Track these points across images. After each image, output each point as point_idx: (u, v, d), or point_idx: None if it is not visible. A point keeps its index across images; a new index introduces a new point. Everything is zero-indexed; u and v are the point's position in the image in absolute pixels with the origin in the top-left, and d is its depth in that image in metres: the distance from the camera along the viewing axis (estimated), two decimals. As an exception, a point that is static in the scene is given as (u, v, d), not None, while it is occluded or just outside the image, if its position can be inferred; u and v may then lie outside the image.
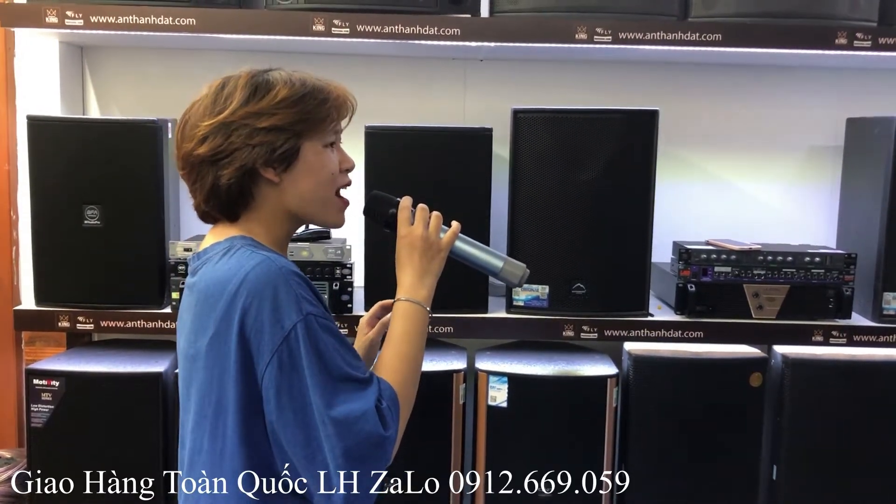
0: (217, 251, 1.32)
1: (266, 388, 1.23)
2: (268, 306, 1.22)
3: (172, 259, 2.11)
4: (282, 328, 1.22)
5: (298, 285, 1.25)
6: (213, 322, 1.25)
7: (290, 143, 1.31)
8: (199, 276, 1.32)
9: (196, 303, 1.30)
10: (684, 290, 2.17)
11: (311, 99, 1.32)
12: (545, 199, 2.12)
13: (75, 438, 2.09)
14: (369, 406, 1.26)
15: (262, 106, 1.29)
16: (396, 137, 2.12)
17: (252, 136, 1.28)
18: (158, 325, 2.13)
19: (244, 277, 1.24)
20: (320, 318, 1.26)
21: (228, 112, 1.28)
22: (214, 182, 1.30)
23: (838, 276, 2.17)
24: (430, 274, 1.44)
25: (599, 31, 2.07)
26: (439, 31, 2.06)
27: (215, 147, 1.28)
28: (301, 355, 1.22)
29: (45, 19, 2.05)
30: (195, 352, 1.29)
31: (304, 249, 2.11)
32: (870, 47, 2.10)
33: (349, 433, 1.23)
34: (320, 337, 1.24)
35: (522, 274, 1.51)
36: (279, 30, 2.07)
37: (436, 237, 1.45)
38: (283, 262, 1.27)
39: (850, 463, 2.19)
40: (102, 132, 2.10)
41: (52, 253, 2.12)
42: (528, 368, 2.16)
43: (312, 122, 1.33)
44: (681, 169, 2.52)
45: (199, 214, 1.38)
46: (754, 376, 2.18)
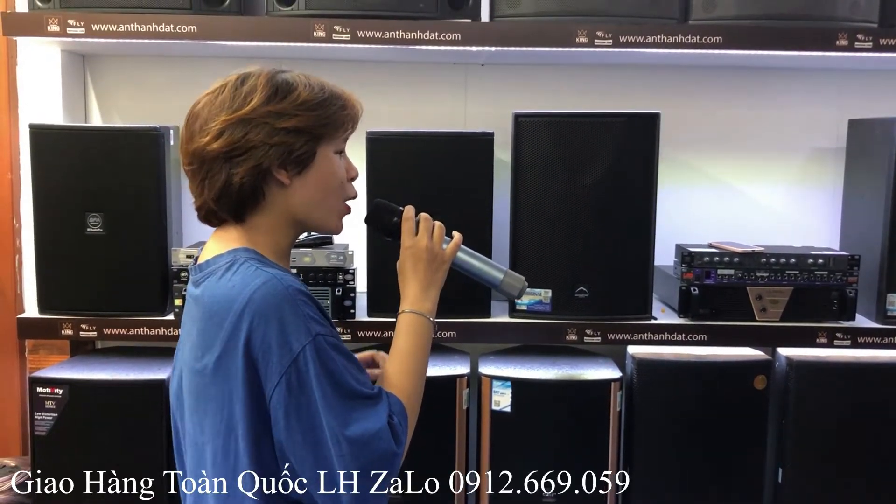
0: (220, 264, 1.30)
1: (274, 409, 1.22)
2: (275, 328, 1.21)
3: (175, 266, 2.11)
4: (290, 350, 1.21)
5: (305, 304, 1.25)
6: (219, 341, 1.24)
7: (308, 146, 1.31)
8: (202, 289, 1.30)
9: (201, 318, 1.29)
10: (687, 292, 2.17)
11: (330, 105, 1.32)
12: (547, 203, 2.12)
13: (79, 446, 2.09)
14: (382, 424, 1.26)
15: (284, 106, 1.28)
16: (398, 142, 2.12)
17: (271, 135, 1.27)
18: (161, 332, 2.13)
19: (250, 297, 1.23)
20: (329, 337, 1.25)
21: (249, 109, 1.27)
22: (227, 180, 1.28)
23: (842, 278, 2.17)
24: (434, 286, 1.44)
25: (600, 35, 2.07)
26: (440, 37, 2.07)
27: (232, 143, 1.27)
28: (311, 377, 1.22)
29: (46, 28, 2.06)
30: (202, 367, 1.28)
31: (307, 255, 2.11)
32: (871, 48, 2.10)
33: (365, 452, 1.23)
34: (330, 356, 1.24)
35: (521, 287, 1.53)
36: (280, 36, 2.07)
37: (439, 248, 1.45)
38: (288, 281, 1.26)
39: (856, 465, 2.19)
40: (104, 140, 2.10)
41: (55, 261, 2.12)
42: (531, 373, 2.16)
43: (330, 128, 1.33)
44: (683, 172, 2.52)
45: (202, 214, 1.36)
46: (758, 379, 2.17)
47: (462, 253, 1.50)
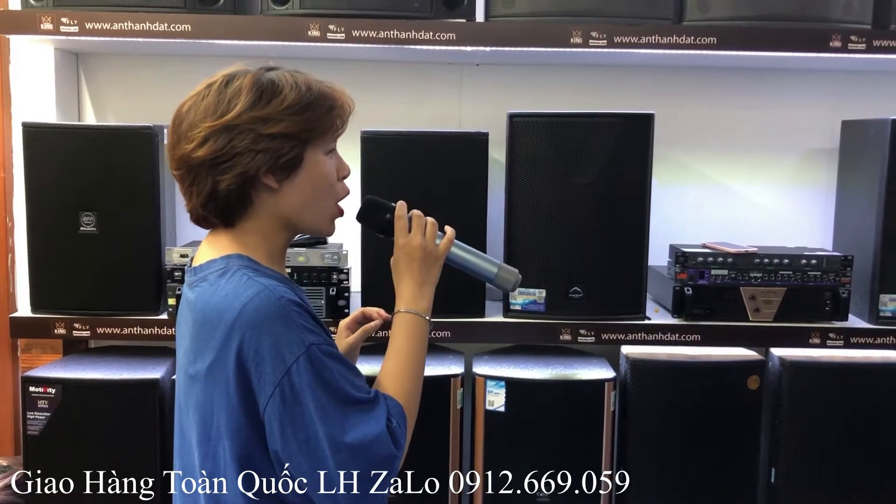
0: (213, 270, 1.29)
1: (269, 420, 1.21)
2: (267, 340, 1.20)
3: (169, 265, 2.11)
4: (283, 362, 1.20)
5: (298, 314, 1.23)
6: (211, 349, 1.24)
7: (296, 150, 1.28)
8: (196, 295, 1.29)
9: (194, 324, 1.28)
10: (681, 293, 2.18)
11: (318, 106, 1.29)
12: (542, 203, 2.12)
13: (72, 446, 2.08)
14: (381, 428, 1.26)
15: (270, 111, 1.25)
16: (392, 142, 2.12)
17: (257, 141, 1.25)
18: (155, 331, 2.12)
19: (241, 309, 1.21)
20: (322, 345, 1.24)
21: (233, 115, 1.24)
22: (213, 186, 1.26)
23: (835, 279, 2.17)
24: (428, 283, 1.44)
25: (595, 36, 2.07)
26: (435, 36, 2.07)
27: (217, 150, 1.24)
28: (305, 387, 1.21)
29: (40, 26, 2.05)
30: (195, 373, 1.27)
31: (301, 255, 2.11)
32: (864, 50, 2.10)
33: (364, 458, 1.22)
34: (325, 364, 1.23)
35: (516, 280, 1.52)
36: (274, 36, 2.07)
37: (433, 245, 1.44)
38: (280, 292, 1.24)
39: (849, 465, 2.19)
40: (98, 138, 2.09)
41: (48, 260, 2.11)
42: (525, 373, 2.16)
43: (318, 131, 1.30)
44: (677, 172, 2.52)
45: (194, 218, 1.34)
46: (752, 379, 2.18)
47: (456, 248, 1.49)
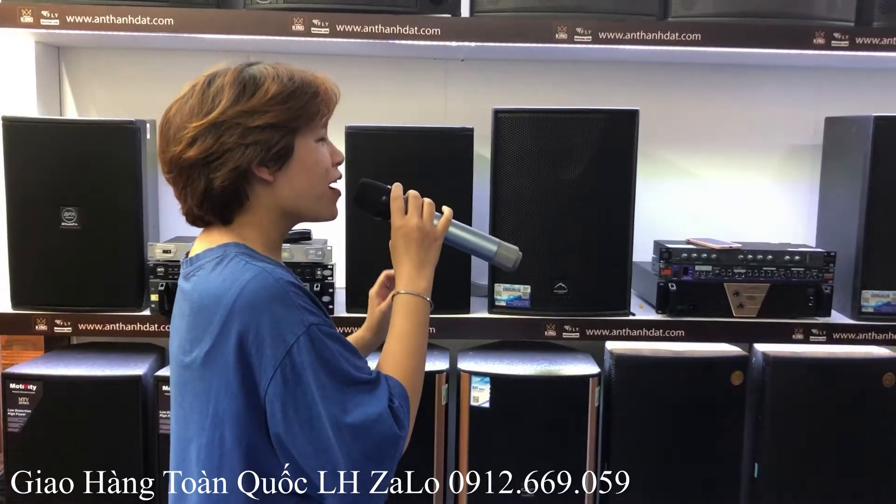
0: (210, 258, 1.29)
1: (270, 402, 1.21)
2: (267, 321, 1.20)
3: (151, 261, 2.09)
4: (284, 342, 1.20)
5: (297, 295, 1.23)
6: (209, 335, 1.23)
7: (286, 140, 1.28)
8: (192, 284, 1.29)
9: (190, 312, 1.27)
10: (665, 289, 2.18)
11: (301, 94, 1.29)
12: (526, 199, 2.12)
13: (53, 443, 2.07)
14: (383, 408, 1.25)
15: (254, 104, 1.26)
16: (377, 137, 2.11)
17: (245, 135, 1.25)
18: (137, 327, 2.10)
19: (240, 292, 1.21)
20: (322, 326, 1.24)
21: (218, 112, 1.25)
22: (207, 185, 1.26)
23: (818, 275, 2.18)
24: (427, 264, 1.42)
25: (580, 31, 2.07)
26: (419, 31, 2.06)
27: (206, 149, 1.25)
28: (306, 367, 1.20)
29: (20, 19, 2.02)
30: (191, 361, 1.26)
31: (285, 251, 2.09)
32: (847, 47, 2.12)
33: (366, 437, 1.22)
34: (325, 345, 1.23)
35: (517, 258, 1.50)
36: (258, 30, 2.06)
37: (430, 226, 1.42)
38: (279, 274, 1.24)
39: (831, 460, 2.21)
40: (80, 133, 2.07)
41: (29, 255, 2.09)
42: (510, 368, 2.16)
43: (305, 118, 1.30)
44: (661, 168, 2.53)
45: (190, 219, 1.34)
46: (735, 374, 2.19)
47: (454, 228, 1.47)
